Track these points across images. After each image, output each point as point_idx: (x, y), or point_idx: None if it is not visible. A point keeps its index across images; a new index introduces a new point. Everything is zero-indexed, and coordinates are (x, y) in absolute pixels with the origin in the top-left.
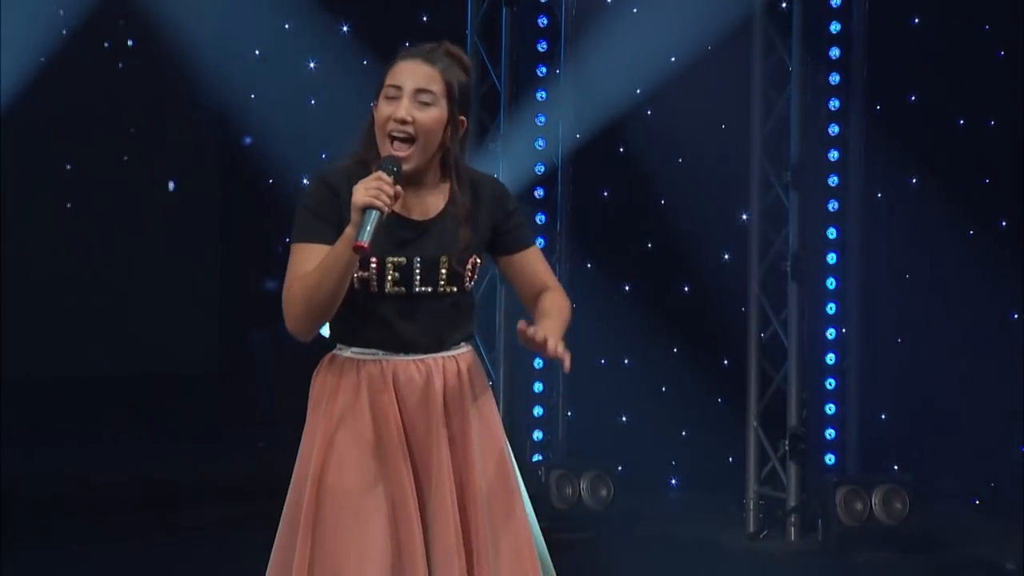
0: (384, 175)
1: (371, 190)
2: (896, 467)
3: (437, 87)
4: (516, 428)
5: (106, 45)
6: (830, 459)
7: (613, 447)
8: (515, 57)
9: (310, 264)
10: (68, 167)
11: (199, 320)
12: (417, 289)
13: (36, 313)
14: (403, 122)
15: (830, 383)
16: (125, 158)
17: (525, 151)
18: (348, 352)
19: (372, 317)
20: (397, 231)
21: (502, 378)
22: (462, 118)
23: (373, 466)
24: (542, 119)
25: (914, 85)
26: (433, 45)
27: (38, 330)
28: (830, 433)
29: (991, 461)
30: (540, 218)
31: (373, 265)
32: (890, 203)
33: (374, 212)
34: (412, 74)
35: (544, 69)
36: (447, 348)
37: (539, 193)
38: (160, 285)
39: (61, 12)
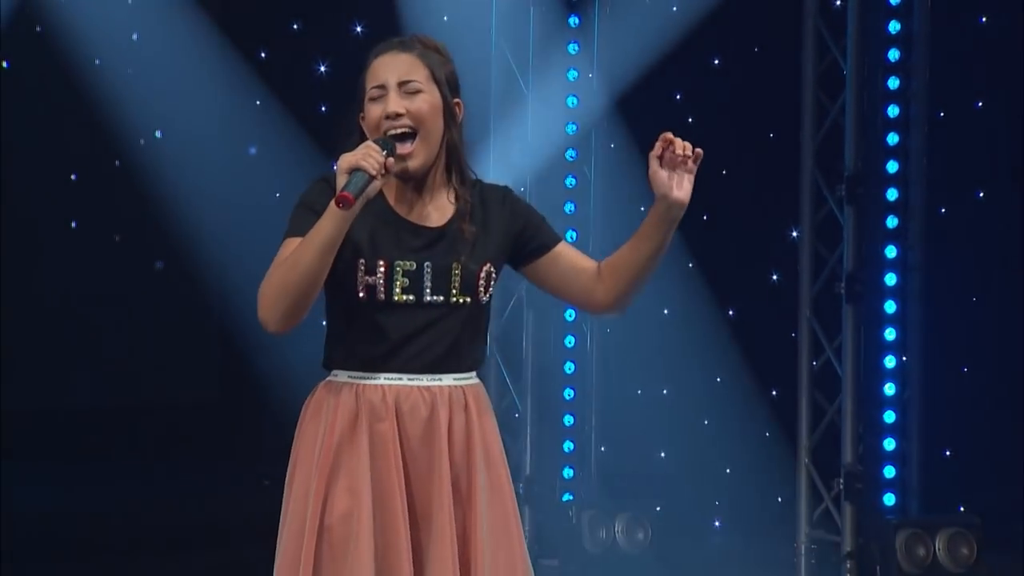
0: (374, 144)
1: (358, 154)
2: (962, 508)
3: (420, 74)
4: (545, 464)
5: (97, 62)
6: (889, 500)
7: (651, 485)
8: (543, 59)
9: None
10: (69, 184)
11: (198, 344)
12: (428, 298)
13: (22, 341)
14: (396, 116)
15: (889, 416)
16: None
17: (554, 163)
18: (345, 376)
19: (376, 332)
20: (406, 237)
21: (530, 410)
22: (457, 100)
23: (368, 505)
24: (573, 128)
25: (981, 90)
26: (402, 37)
27: (24, 359)
28: (889, 471)
29: None
30: (571, 235)
31: (381, 268)
32: (955, 219)
33: (360, 173)
34: (390, 67)
35: (575, 74)
36: (455, 372)
37: (569, 208)
38: (155, 306)
39: None
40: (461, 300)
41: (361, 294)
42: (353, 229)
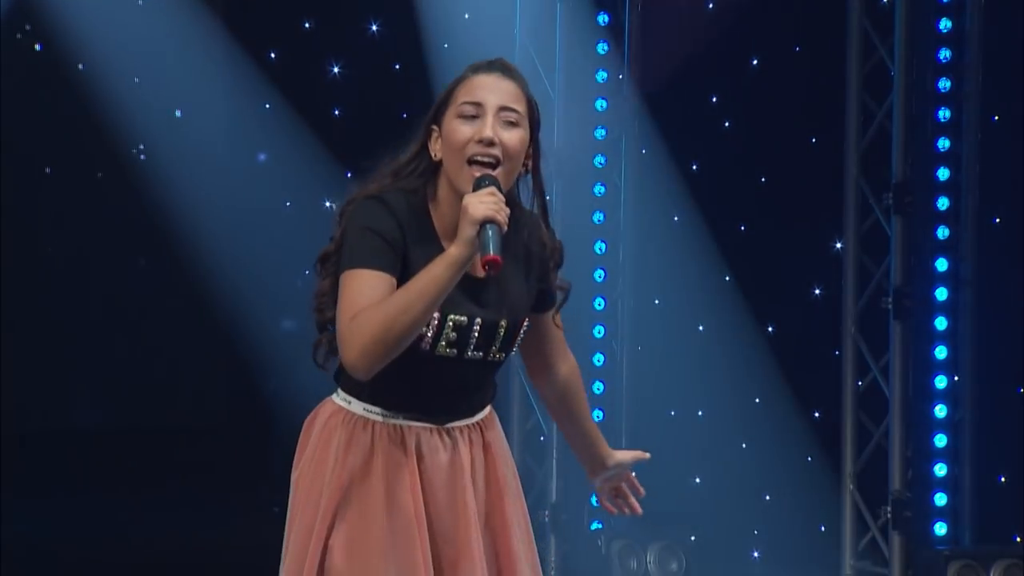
0: (497, 191)
1: (488, 203)
2: (1018, 538)
3: (521, 106)
4: (572, 490)
5: (81, 66)
6: (940, 529)
7: (685, 513)
8: (571, 60)
9: (377, 293)
10: (69, 204)
11: (205, 366)
12: (469, 354)
13: (27, 363)
14: (491, 144)
15: (940, 440)
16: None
17: (582, 170)
18: (359, 408)
19: (407, 380)
20: (458, 287)
21: (555, 431)
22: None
23: (383, 549)
24: (602, 133)
25: None
26: (503, 61)
27: (28, 381)
28: (940, 498)
29: None
30: (600, 247)
31: (435, 321)
32: (1009, 229)
33: (493, 227)
34: (494, 90)
35: (605, 75)
36: (477, 412)
37: (598, 218)
38: (161, 325)
39: None
40: (499, 357)
41: None
42: (408, 263)
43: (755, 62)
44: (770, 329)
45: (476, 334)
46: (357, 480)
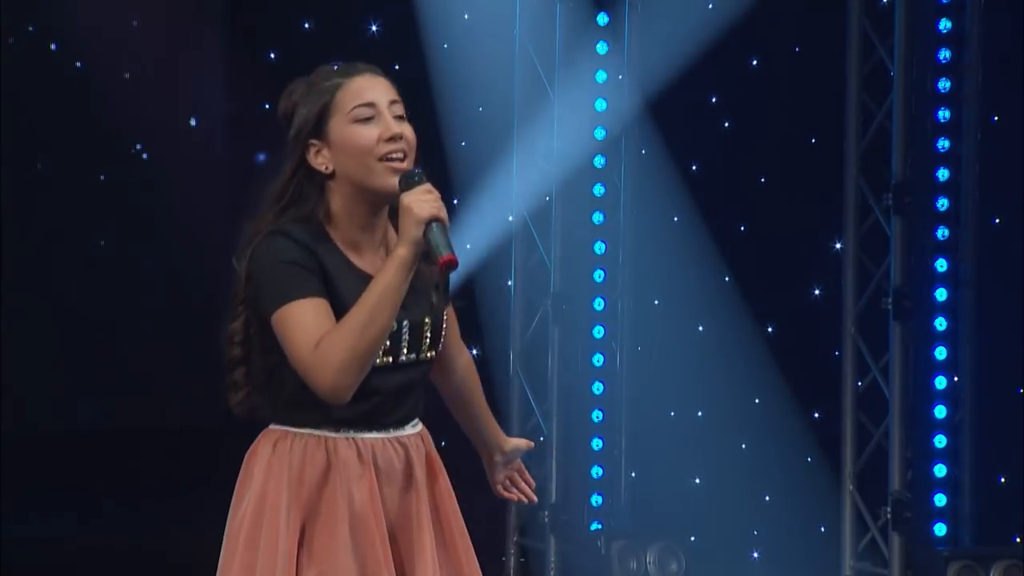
0: (432, 186)
1: (430, 201)
2: (1018, 539)
3: (400, 100)
4: (572, 491)
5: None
6: (940, 530)
7: (684, 514)
8: (570, 60)
9: (324, 320)
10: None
11: (203, 366)
12: (403, 358)
13: (26, 363)
14: (399, 138)
15: (940, 440)
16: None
17: (582, 170)
18: (309, 430)
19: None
20: (355, 283)
21: (555, 432)
22: None
23: (349, 557)
24: (602, 133)
25: None
26: (357, 62)
27: (27, 381)
28: (940, 499)
29: None
30: (600, 247)
31: None
32: (1009, 230)
33: (439, 224)
34: (378, 88)
35: (604, 75)
36: (414, 420)
37: (598, 219)
38: (160, 325)
39: None
40: (429, 355)
41: None
42: (329, 289)
43: (755, 62)
44: (770, 329)
45: (406, 336)
46: (315, 494)
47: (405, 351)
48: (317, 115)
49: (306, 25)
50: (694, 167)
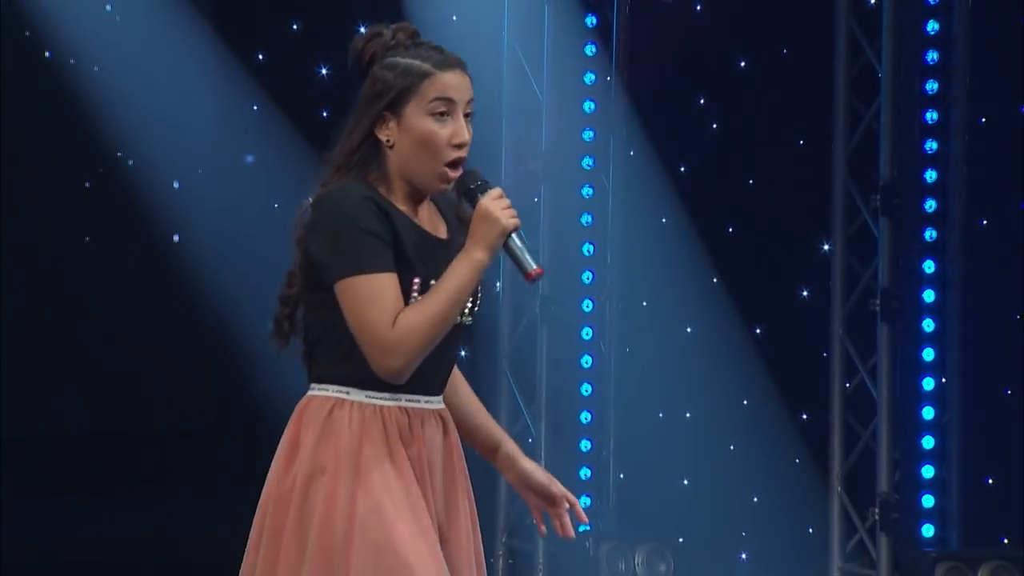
0: (500, 191)
1: (511, 212)
2: (1005, 540)
3: (473, 98)
4: None
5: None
6: (928, 531)
7: (673, 515)
8: (558, 62)
9: (398, 299)
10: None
11: (195, 367)
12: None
13: (20, 367)
14: (465, 146)
15: (927, 442)
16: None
17: (570, 172)
18: (360, 396)
19: None
20: (431, 250)
21: (544, 433)
22: None
23: (407, 517)
24: (590, 135)
25: None
26: (455, 56)
27: (22, 384)
28: (928, 500)
29: None
30: (588, 248)
31: (415, 290)
32: (996, 231)
33: (520, 234)
34: (462, 89)
35: (593, 77)
36: (442, 392)
37: (586, 220)
38: (150, 327)
39: None
40: (469, 320)
41: None
42: (401, 245)
43: (743, 64)
44: (758, 331)
45: None
46: (375, 468)
47: None
48: (399, 92)
49: (294, 26)
50: (682, 169)
